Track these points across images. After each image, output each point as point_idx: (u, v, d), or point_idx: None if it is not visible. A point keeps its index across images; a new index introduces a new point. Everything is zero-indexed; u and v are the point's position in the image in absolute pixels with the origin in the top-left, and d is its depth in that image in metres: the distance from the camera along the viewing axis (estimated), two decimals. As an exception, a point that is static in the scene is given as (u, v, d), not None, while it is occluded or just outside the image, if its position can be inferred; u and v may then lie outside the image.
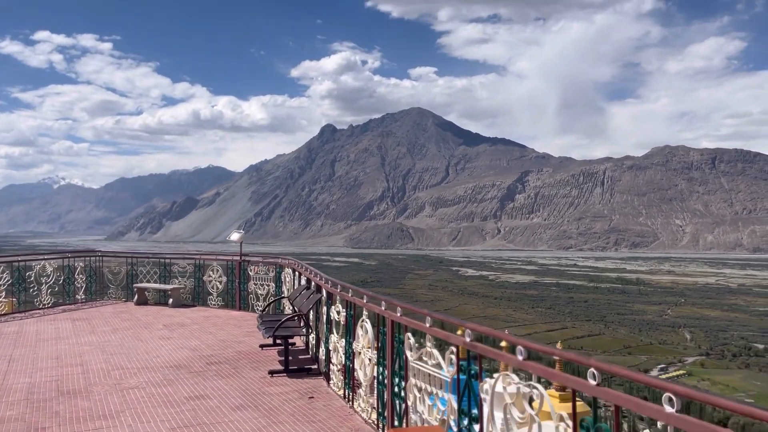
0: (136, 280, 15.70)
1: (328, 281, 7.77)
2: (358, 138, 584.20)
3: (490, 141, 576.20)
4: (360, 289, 6.38)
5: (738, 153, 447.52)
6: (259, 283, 13.67)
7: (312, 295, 8.68)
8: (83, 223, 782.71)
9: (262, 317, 9.64)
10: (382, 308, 5.61)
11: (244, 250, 14.34)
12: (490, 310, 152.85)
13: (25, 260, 14.76)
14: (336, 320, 7.34)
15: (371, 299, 6.09)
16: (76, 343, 10.23)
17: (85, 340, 10.58)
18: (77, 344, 10.17)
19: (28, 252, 17.43)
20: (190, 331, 11.46)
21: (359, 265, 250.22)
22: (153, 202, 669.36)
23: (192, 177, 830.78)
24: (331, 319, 7.59)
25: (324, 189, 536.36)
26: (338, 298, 7.25)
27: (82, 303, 15.20)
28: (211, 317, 13.23)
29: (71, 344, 10.15)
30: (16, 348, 9.86)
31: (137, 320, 12.81)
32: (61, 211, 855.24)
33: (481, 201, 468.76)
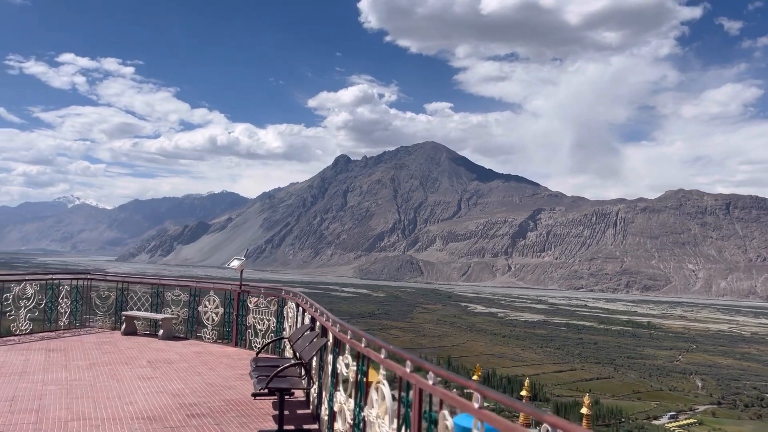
0: (126, 307, 14.31)
1: (336, 324, 6.35)
2: (371, 169, 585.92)
3: (503, 177, 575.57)
4: (377, 340, 4.95)
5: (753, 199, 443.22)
6: (258, 317, 12.24)
7: (316, 339, 7.25)
8: (95, 243, 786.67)
9: (256, 360, 8.19)
10: (407, 370, 4.18)
11: (252, 276, 13.00)
12: (498, 348, 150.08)
13: (4, 280, 13.45)
14: (344, 375, 5.90)
15: (392, 356, 4.66)
16: (41, 381, 8.81)
17: (53, 377, 9.16)
18: (42, 382, 8.75)
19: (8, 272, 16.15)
20: (176, 371, 10.01)
21: (367, 297, 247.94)
22: (165, 225, 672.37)
23: (205, 202, 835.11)
24: (337, 371, 6.14)
25: (335, 219, 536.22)
26: (348, 347, 5.82)
27: (63, 330, 13.81)
28: (203, 354, 11.78)
29: (35, 382, 8.74)
30: (-31, 384, 8.46)
31: (120, 353, 11.39)
32: (73, 230, 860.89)
33: (492, 237, 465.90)
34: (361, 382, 5.28)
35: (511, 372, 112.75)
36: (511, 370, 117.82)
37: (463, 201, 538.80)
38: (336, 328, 6.33)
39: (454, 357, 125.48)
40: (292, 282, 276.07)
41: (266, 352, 11.12)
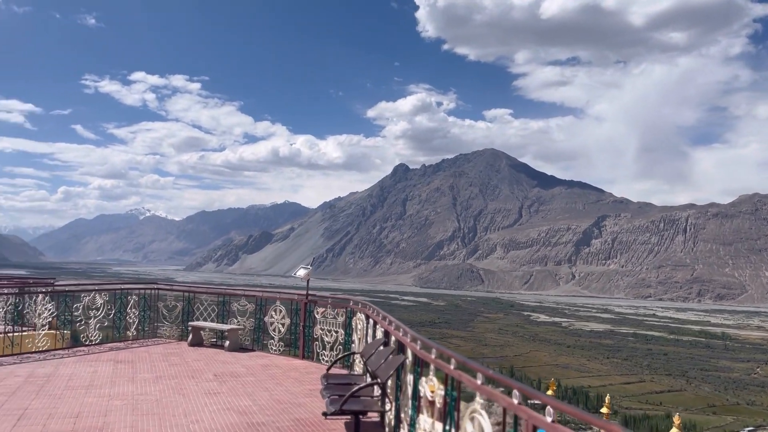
0: (192, 318, 14.13)
1: (417, 340, 5.72)
2: (430, 177, 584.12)
3: (565, 184, 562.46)
4: (472, 362, 4.28)
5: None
6: (326, 328, 11.75)
7: (392, 356, 6.64)
8: (165, 253, 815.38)
9: (327, 377, 7.65)
10: (515, 401, 3.50)
11: (314, 284, 12.53)
12: (563, 358, 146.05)
13: (74, 291, 13.48)
14: (429, 399, 5.25)
15: (491, 381, 3.99)
16: (107, 396, 8.55)
17: (119, 391, 8.90)
18: (108, 397, 8.48)
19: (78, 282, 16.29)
20: (243, 385, 9.60)
21: (427, 305, 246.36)
22: (231, 235, 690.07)
23: (268, 212, 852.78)
24: (419, 394, 5.50)
25: (395, 227, 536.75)
26: (433, 367, 5.18)
27: (132, 341, 13.72)
28: (269, 366, 11.37)
29: (101, 396, 8.48)
30: (36, 398, 8.26)
31: (186, 366, 11.11)
32: (145, 240, 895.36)
33: (555, 245, 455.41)
34: (451, 409, 4.62)
35: (576, 383, 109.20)
36: (576, 381, 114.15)
37: (524, 208, 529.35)
38: (416, 345, 5.70)
39: (517, 367, 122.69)
40: (352, 290, 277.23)
41: (336, 366, 10.60)
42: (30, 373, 9.99)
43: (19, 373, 9.98)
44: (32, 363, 10.92)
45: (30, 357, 11.46)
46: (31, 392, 8.59)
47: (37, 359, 11.32)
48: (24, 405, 7.83)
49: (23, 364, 10.75)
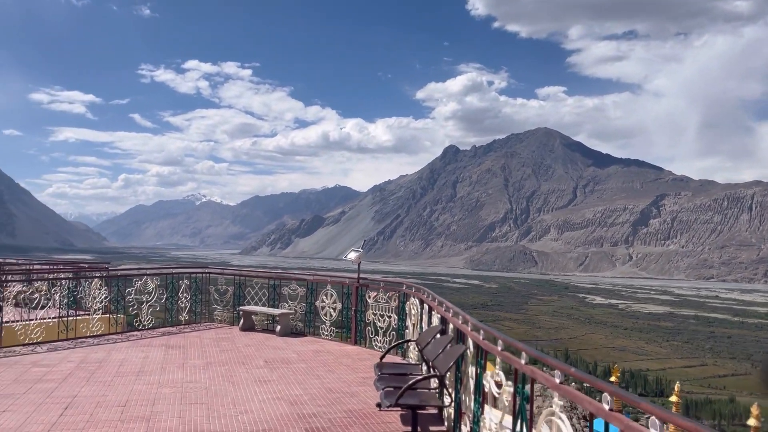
0: (243, 302, 13.94)
1: (479, 329, 5.17)
2: (481, 159, 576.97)
3: (622, 162, 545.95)
4: (546, 356, 3.71)
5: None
6: (378, 313, 11.31)
7: (451, 345, 6.11)
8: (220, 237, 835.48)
9: (380, 366, 7.18)
10: (605, 406, 2.93)
11: (365, 267, 12.11)
12: (620, 341, 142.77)
13: (127, 275, 13.47)
14: (494, 394, 4.71)
15: (572, 380, 3.41)
16: (156, 383, 8.34)
17: (169, 378, 8.69)
18: (158, 384, 8.27)
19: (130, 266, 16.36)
20: (294, 372, 9.27)
21: (479, 288, 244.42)
22: (283, 219, 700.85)
23: (320, 196, 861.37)
24: (483, 389, 4.97)
25: (445, 210, 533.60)
26: (499, 360, 4.63)
27: (184, 326, 13.64)
28: (321, 352, 11.03)
29: (150, 384, 8.28)
30: (86, 385, 8.11)
31: (237, 352, 10.87)
32: (201, 226, 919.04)
33: (611, 225, 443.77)
34: (522, 409, 4.06)
35: (635, 366, 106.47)
36: (635, 364, 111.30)
37: (578, 188, 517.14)
38: (479, 335, 5.15)
39: (572, 350, 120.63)
40: (403, 273, 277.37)
41: (390, 354, 10.16)
42: (82, 358, 9.93)
43: (72, 358, 9.93)
44: (86, 348, 10.89)
45: (84, 342, 11.45)
46: (81, 378, 8.46)
47: (91, 344, 11.30)
48: (73, 392, 7.68)
49: (77, 349, 10.73)
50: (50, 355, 10.12)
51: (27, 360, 9.73)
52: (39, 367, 9.16)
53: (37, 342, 11.16)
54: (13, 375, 8.60)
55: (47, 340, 11.39)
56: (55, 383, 8.15)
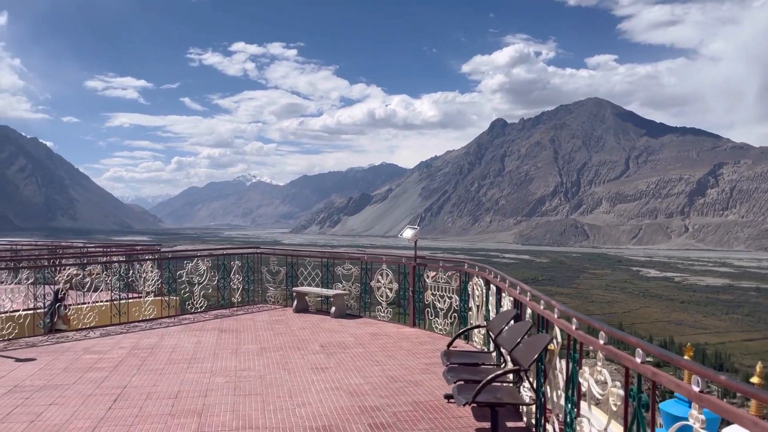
0: (296, 282, 13.50)
1: (571, 318, 4.43)
2: (529, 132, 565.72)
3: (677, 131, 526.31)
4: (673, 356, 2.97)
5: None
6: (438, 293, 10.64)
7: (531, 334, 5.40)
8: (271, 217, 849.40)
9: (448, 356, 6.52)
10: None
11: (411, 244, 11.45)
12: (676, 314, 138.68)
13: (178, 257, 13.18)
14: (596, 395, 3.98)
15: (714, 388, 2.67)
16: (209, 371, 7.92)
17: (222, 365, 8.26)
18: (210, 373, 7.85)
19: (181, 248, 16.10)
20: (352, 358, 8.73)
21: (529, 263, 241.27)
22: (331, 198, 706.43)
23: (366, 174, 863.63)
24: (580, 388, 4.24)
25: (493, 184, 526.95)
26: (602, 356, 3.89)
27: (236, 308, 13.30)
28: (379, 335, 10.46)
29: (203, 372, 7.86)
30: (137, 374, 7.75)
31: (291, 335, 10.41)
32: (252, 206, 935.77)
33: (666, 196, 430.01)
34: (638, 417, 3.33)
35: (692, 340, 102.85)
36: (692, 338, 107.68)
37: (631, 159, 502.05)
38: (571, 324, 4.42)
39: (626, 324, 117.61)
40: (452, 249, 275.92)
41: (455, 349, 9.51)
42: (134, 344, 9.63)
43: (123, 344, 9.65)
44: (137, 333, 10.62)
45: (136, 326, 11.21)
46: (132, 367, 8.12)
47: (143, 328, 11.04)
48: (123, 382, 7.32)
49: (129, 334, 10.47)
50: (102, 341, 9.87)
51: (79, 346, 9.49)
52: (90, 354, 8.89)
53: (89, 327, 10.97)
54: (64, 363, 8.33)
55: (99, 325, 11.19)
56: (106, 372, 7.83)
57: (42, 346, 9.52)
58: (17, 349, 9.27)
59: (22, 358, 8.62)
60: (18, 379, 7.45)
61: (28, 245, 18.97)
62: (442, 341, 9.95)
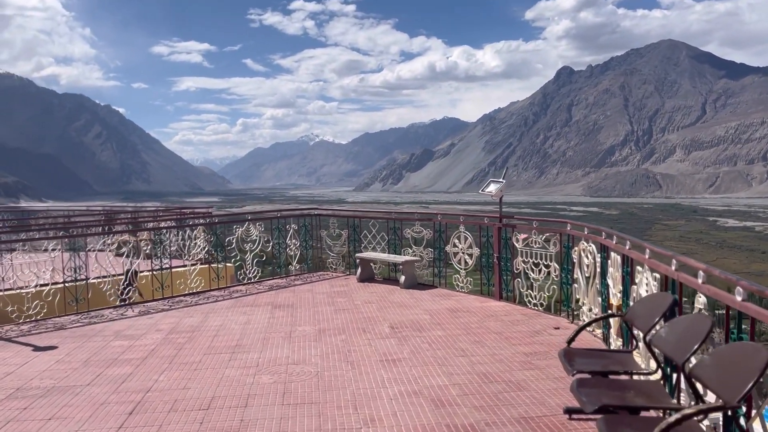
0: (360, 248, 11.86)
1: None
2: (597, 79, 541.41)
3: (759, 71, 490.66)
4: None
5: None
6: (530, 261, 8.73)
7: (719, 339, 3.49)
8: (335, 175, 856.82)
9: (569, 356, 4.65)
10: None
11: (477, 199, 9.55)
12: (757, 265, 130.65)
13: (227, 221, 11.76)
14: None
15: None
16: (254, 365, 6.37)
17: (270, 356, 6.71)
18: (255, 367, 6.30)
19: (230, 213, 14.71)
20: (430, 345, 7.01)
21: (598, 215, 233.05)
22: (394, 155, 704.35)
23: (428, 129, 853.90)
24: None
25: (560, 135, 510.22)
26: None
27: (293, 277, 11.80)
28: (459, 312, 8.70)
29: (247, 367, 6.31)
30: (168, 369, 6.29)
31: (355, 312, 8.79)
32: (316, 165, 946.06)
33: (746, 142, 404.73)
34: None
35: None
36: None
37: (708, 104, 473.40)
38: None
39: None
40: (517, 203, 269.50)
41: (577, 347, 7.70)
42: (174, 325, 8.24)
43: (162, 325, 8.27)
44: (181, 310, 9.25)
45: (180, 301, 9.86)
46: (165, 359, 6.68)
47: (188, 303, 9.68)
48: (148, 383, 5.86)
49: (171, 312, 9.11)
50: (139, 321, 8.53)
51: (112, 328, 8.18)
52: (121, 340, 7.54)
53: (129, 303, 9.69)
54: (86, 352, 6.98)
55: (140, 301, 9.92)
56: (131, 366, 6.41)
57: (71, 328, 8.26)
58: (42, 332, 8.04)
59: (42, 345, 7.35)
60: (25, 377, 6.13)
61: (81, 211, 18.10)
62: (538, 320, 8.10)
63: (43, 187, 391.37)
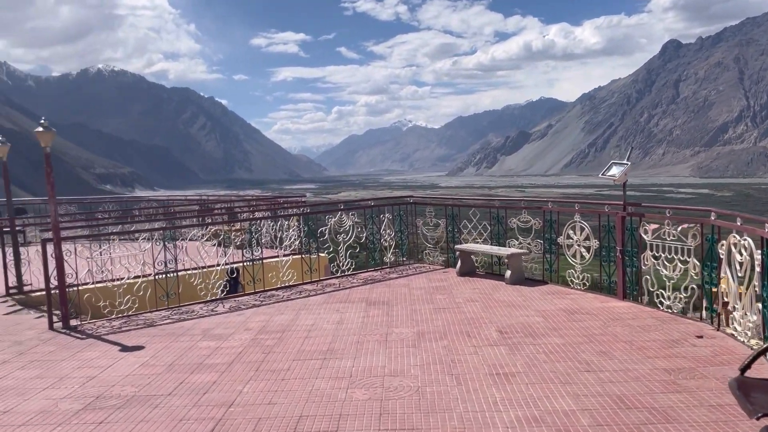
0: (459, 238, 10.95)
1: None
2: (708, 51, 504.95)
3: None
4: None
5: None
6: (663, 255, 7.48)
7: None
8: (428, 160, 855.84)
9: (744, 388, 3.58)
10: None
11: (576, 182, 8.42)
12: None
13: (320, 211, 11.21)
14: None
15: None
16: (347, 375, 5.68)
17: (365, 364, 5.99)
18: (348, 379, 5.60)
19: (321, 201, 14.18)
20: (547, 355, 6.04)
21: (709, 197, 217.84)
22: (488, 138, 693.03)
23: (524, 111, 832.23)
24: None
25: (666, 113, 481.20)
26: None
27: (389, 269, 11.08)
28: (576, 313, 7.64)
29: (338, 377, 5.63)
30: (254, 379, 5.71)
31: (457, 311, 7.94)
32: (409, 150, 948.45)
33: None
34: None
35: None
36: None
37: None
38: None
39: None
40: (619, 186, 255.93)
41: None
42: (264, 324, 7.72)
43: (251, 323, 7.78)
44: (272, 306, 8.75)
45: (272, 296, 9.38)
46: (251, 365, 6.12)
47: (279, 298, 9.19)
48: (231, 395, 5.29)
49: (261, 308, 8.63)
50: (228, 319, 8.10)
51: (200, 326, 7.78)
52: (208, 340, 7.09)
53: (220, 298, 9.33)
54: (173, 354, 6.57)
55: (230, 296, 9.54)
56: (216, 373, 5.89)
57: (160, 325, 7.94)
58: (132, 329, 7.76)
59: (129, 345, 7.03)
60: (107, 383, 5.74)
61: (178, 200, 18.31)
62: (674, 326, 6.90)
63: (154, 176, 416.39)
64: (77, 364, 6.37)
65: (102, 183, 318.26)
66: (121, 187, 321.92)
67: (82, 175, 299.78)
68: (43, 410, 5.09)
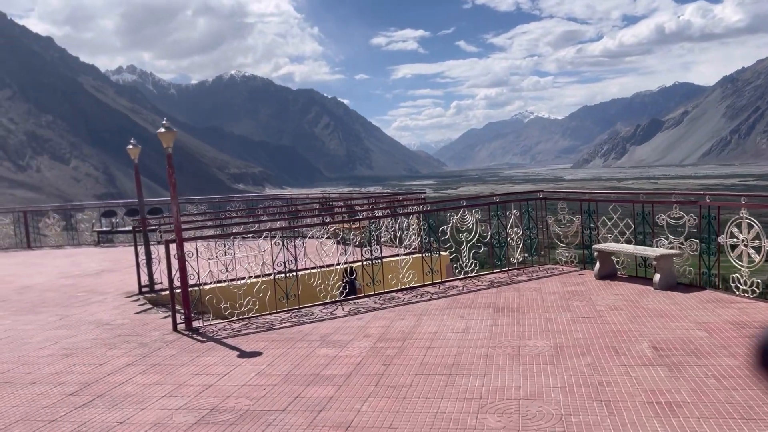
0: (596, 237, 9.88)
1: None
2: None
3: None
4: None
5: None
6: None
7: None
8: (550, 153, 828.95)
9: None
10: None
11: (717, 172, 7.13)
12: None
13: (440, 209, 10.58)
14: None
15: None
16: (477, 398, 5.00)
17: (497, 383, 5.28)
18: (479, 401, 4.92)
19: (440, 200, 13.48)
20: (719, 379, 5.02)
21: None
22: (616, 128, 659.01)
23: (656, 97, 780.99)
24: None
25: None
26: None
27: (517, 271, 10.23)
28: (748, 327, 6.42)
29: (467, 399, 4.96)
30: (372, 396, 5.19)
31: (599, 321, 6.99)
32: (530, 143, 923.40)
33: None
34: None
35: None
36: None
37: None
38: None
39: None
40: (764, 174, 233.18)
41: None
42: (384, 330, 7.23)
43: (371, 329, 7.32)
44: (391, 310, 8.26)
45: (392, 299, 8.89)
46: (371, 377, 5.62)
47: (399, 302, 8.68)
48: (348, 417, 4.78)
49: (381, 312, 8.16)
50: (347, 324, 7.69)
51: (319, 330, 7.42)
52: (326, 347, 6.69)
53: (339, 300, 8.98)
54: (289, 363, 6.22)
55: (350, 297, 9.16)
56: (333, 387, 5.44)
57: (279, 328, 7.69)
58: (251, 333, 7.57)
59: (247, 350, 6.79)
60: (223, 393, 5.47)
61: (300, 199, 18.44)
62: None
63: (282, 175, 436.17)
64: (196, 370, 6.20)
65: (235, 182, 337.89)
66: (253, 186, 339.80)
67: (218, 175, 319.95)
68: (157, 422, 4.88)
